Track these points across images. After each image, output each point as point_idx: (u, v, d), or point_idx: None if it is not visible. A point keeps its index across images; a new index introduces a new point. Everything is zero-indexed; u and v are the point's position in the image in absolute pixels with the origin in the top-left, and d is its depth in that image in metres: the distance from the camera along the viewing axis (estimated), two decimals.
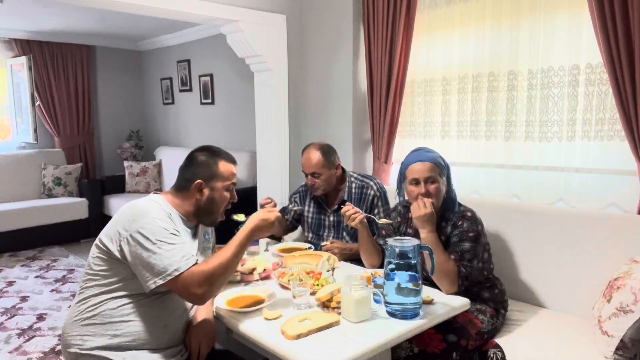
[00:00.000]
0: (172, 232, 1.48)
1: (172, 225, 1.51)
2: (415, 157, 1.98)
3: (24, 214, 4.79)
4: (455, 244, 1.90)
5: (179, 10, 2.88)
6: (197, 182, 1.61)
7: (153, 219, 1.47)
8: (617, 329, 1.67)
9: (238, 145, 4.94)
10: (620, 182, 2.25)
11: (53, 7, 4.18)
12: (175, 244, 1.46)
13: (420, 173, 1.94)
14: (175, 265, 1.42)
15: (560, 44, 2.38)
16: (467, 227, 1.90)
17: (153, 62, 6.14)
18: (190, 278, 1.42)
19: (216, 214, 1.67)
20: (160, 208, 1.54)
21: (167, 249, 1.43)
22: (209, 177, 1.62)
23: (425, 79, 2.98)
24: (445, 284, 1.80)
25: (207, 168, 1.62)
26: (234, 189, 1.70)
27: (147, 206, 1.51)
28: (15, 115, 5.54)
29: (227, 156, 1.69)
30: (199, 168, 1.62)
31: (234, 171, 1.69)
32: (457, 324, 1.78)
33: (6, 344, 2.85)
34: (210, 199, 1.62)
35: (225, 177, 1.64)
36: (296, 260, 2.11)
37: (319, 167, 2.41)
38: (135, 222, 1.46)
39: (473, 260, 1.87)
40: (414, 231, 2.06)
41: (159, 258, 1.42)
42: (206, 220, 1.68)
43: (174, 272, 1.41)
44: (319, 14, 3.37)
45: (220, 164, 1.64)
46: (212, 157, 1.64)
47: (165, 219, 1.50)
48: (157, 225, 1.46)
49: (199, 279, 1.42)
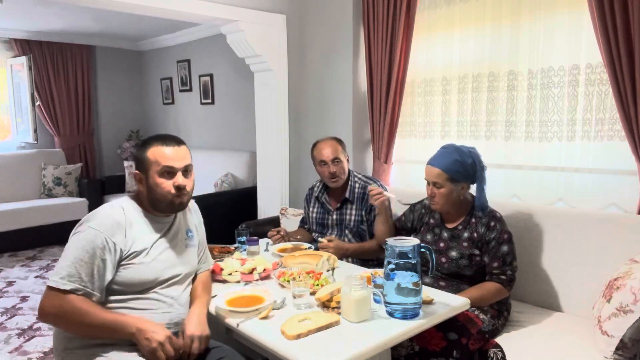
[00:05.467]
0: (91, 247, 1.47)
1: (112, 223, 1.52)
2: (432, 158, 2.04)
3: (24, 214, 4.79)
4: (495, 248, 1.95)
5: (179, 10, 2.89)
6: (134, 174, 1.65)
7: (87, 226, 1.50)
8: (617, 329, 1.67)
9: (238, 145, 4.94)
10: (620, 182, 2.25)
11: (53, 7, 4.18)
12: (77, 260, 1.46)
13: (428, 176, 2.04)
14: (55, 276, 1.45)
15: (560, 44, 2.38)
16: (501, 229, 1.97)
17: (153, 62, 6.14)
18: (47, 297, 1.45)
19: (164, 201, 1.61)
20: (110, 208, 1.58)
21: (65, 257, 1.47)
22: (142, 167, 1.62)
23: (425, 79, 2.98)
24: (498, 299, 1.95)
25: (139, 158, 1.63)
26: (175, 171, 1.61)
27: (93, 212, 1.57)
28: (15, 115, 5.53)
29: (160, 141, 1.63)
30: (135, 160, 1.67)
31: (165, 154, 1.60)
32: (458, 323, 1.78)
33: (6, 344, 2.85)
34: (149, 187, 1.61)
35: (155, 162, 1.60)
36: (296, 260, 2.11)
37: (340, 153, 2.49)
38: (77, 226, 1.54)
39: (513, 261, 1.96)
40: (435, 222, 2.13)
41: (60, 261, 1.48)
42: (163, 208, 1.64)
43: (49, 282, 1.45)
44: (319, 14, 3.37)
45: (148, 151, 1.61)
46: (143, 146, 1.63)
47: (107, 219, 1.53)
48: (82, 235, 1.49)
49: (53, 305, 1.44)
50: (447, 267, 2.01)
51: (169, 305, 1.61)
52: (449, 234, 2.05)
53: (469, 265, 1.97)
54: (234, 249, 2.36)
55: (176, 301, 1.64)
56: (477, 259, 1.97)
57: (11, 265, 4.40)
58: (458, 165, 1.97)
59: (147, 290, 1.58)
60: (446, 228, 2.08)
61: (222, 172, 4.62)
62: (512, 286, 1.96)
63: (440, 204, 2.02)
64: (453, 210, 2.06)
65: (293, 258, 2.14)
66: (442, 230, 2.09)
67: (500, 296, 1.95)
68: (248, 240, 2.35)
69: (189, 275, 1.75)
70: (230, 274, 1.96)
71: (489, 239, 1.96)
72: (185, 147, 1.67)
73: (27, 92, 5.26)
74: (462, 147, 2.02)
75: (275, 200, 3.51)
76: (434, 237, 2.09)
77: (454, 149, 2.01)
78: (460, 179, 1.98)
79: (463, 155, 1.98)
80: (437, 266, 2.02)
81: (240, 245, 2.40)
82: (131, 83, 6.34)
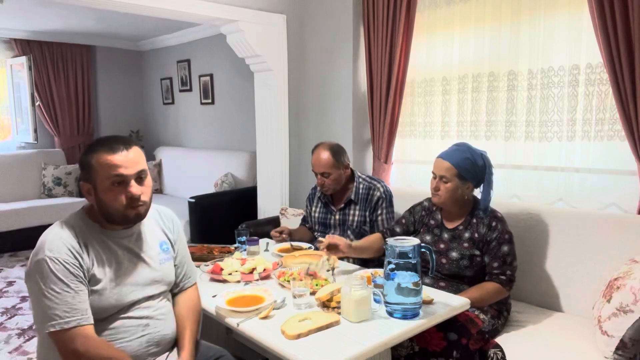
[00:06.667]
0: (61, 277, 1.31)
1: (66, 251, 1.34)
2: (443, 153, 2.04)
3: (24, 214, 4.79)
4: (496, 248, 1.95)
5: (179, 10, 2.88)
6: (81, 185, 1.43)
7: (42, 257, 1.32)
8: (617, 329, 1.67)
9: (238, 145, 4.94)
10: (620, 182, 2.25)
11: (53, 7, 4.18)
12: (59, 293, 1.30)
13: (436, 169, 2.03)
14: (50, 320, 1.29)
15: (560, 44, 2.38)
16: (502, 229, 1.97)
17: (153, 62, 6.14)
18: (59, 344, 1.31)
19: (117, 215, 1.40)
20: (60, 229, 1.39)
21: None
22: (88, 177, 1.39)
23: (425, 79, 2.98)
24: (497, 299, 1.96)
25: (85, 167, 1.40)
26: (127, 180, 1.39)
27: (42, 240, 1.38)
28: (15, 115, 5.53)
29: (105, 146, 1.39)
30: (81, 170, 1.43)
31: (113, 162, 1.36)
32: (458, 323, 1.78)
33: (6, 344, 2.85)
34: (98, 200, 1.39)
35: (102, 171, 1.37)
36: (296, 260, 2.11)
37: (329, 167, 2.44)
38: (31, 260, 1.35)
39: (513, 262, 1.97)
40: (436, 222, 2.13)
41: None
42: (118, 221, 1.44)
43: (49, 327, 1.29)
44: (319, 14, 3.37)
45: (93, 159, 1.37)
46: (89, 153, 1.39)
47: (60, 242, 1.35)
48: (45, 268, 1.31)
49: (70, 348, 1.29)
50: (447, 268, 2.01)
51: (143, 326, 1.45)
52: (450, 235, 2.05)
53: (469, 265, 1.97)
54: (234, 249, 2.36)
55: (152, 319, 1.48)
56: (477, 259, 1.97)
57: (11, 265, 4.40)
58: (469, 164, 1.97)
59: (113, 318, 1.41)
60: (446, 229, 2.08)
61: (222, 172, 4.63)
62: (512, 286, 1.96)
63: (443, 198, 2.01)
64: (454, 210, 2.06)
65: (293, 258, 2.14)
66: (442, 231, 2.09)
67: (500, 296, 1.95)
68: (248, 240, 2.36)
69: (165, 292, 1.57)
70: (230, 273, 1.96)
71: (490, 239, 1.96)
72: (136, 148, 1.43)
73: (27, 92, 5.26)
74: (475, 149, 2.03)
75: (275, 200, 3.51)
76: (433, 238, 2.09)
77: (467, 147, 2.02)
78: (468, 178, 1.98)
79: (475, 155, 2.00)
80: (438, 267, 2.02)
81: (240, 245, 2.40)
82: (131, 83, 6.34)
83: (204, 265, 2.05)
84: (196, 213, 3.86)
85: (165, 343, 1.52)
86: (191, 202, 3.90)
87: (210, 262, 2.09)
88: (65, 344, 1.30)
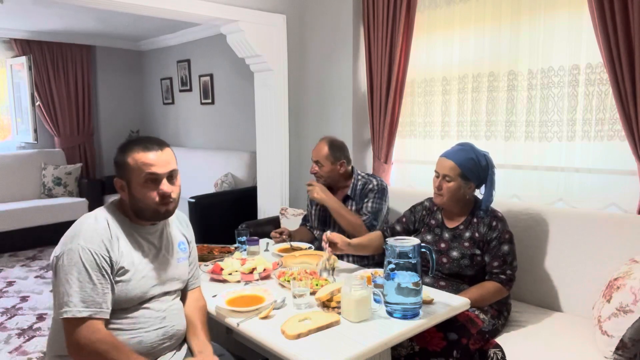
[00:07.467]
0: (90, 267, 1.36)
1: (100, 242, 1.40)
2: (447, 152, 2.05)
3: (24, 214, 4.79)
4: (496, 247, 1.95)
5: (179, 10, 2.88)
6: (115, 182, 1.52)
7: (76, 245, 1.38)
8: (617, 329, 1.67)
9: (238, 145, 4.94)
10: (620, 182, 2.25)
11: (53, 7, 4.18)
12: (82, 282, 1.35)
13: (439, 168, 2.03)
14: (66, 306, 1.33)
15: (560, 44, 2.38)
16: (502, 228, 1.97)
17: (153, 62, 6.14)
18: (69, 331, 1.34)
19: (148, 210, 1.48)
20: (95, 221, 1.45)
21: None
22: (123, 174, 1.49)
23: (425, 79, 2.98)
24: (497, 298, 1.95)
25: (120, 165, 1.50)
26: (159, 178, 1.47)
27: (77, 228, 1.43)
28: (15, 115, 5.54)
29: (141, 145, 1.49)
30: (115, 167, 1.52)
31: (147, 161, 1.46)
32: (458, 323, 1.78)
33: (6, 344, 2.85)
34: (131, 196, 1.48)
35: (136, 169, 1.46)
36: (296, 260, 2.11)
37: (322, 158, 2.51)
38: (63, 245, 1.40)
39: (513, 261, 1.97)
40: (436, 222, 2.13)
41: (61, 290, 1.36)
42: (148, 217, 1.51)
43: (63, 313, 1.33)
44: (319, 14, 3.37)
45: (129, 157, 1.47)
46: (123, 152, 1.50)
47: (95, 233, 1.41)
48: (74, 255, 1.36)
49: (84, 337, 1.32)
50: (448, 267, 2.01)
51: (160, 319, 1.51)
52: (450, 235, 2.05)
53: (470, 265, 1.97)
54: (234, 249, 2.36)
55: (168, 313, 1.54)
56: (478, 258, 1.97)
57: (11, 265, 4.40)
58: (472, 164, 1.98)
59: (135, 307, 1.47)
60: (447, 228, 2.08)
61: (222, 172, 4.63)
62: (512, 286, 1.96)
63: (445, 197, 2.01)
64: (455, 209, 2.06)
65: (293, 258, 2.14)
66: (442, 230, 2.09)
67: (500, 296, 1.95)
68: (248, 240, 2.36)
69: (179, 290, 1.64)
70: (231, 273, 1.96)
71: (490, 238, 1.96)
72: (169, 150, 1.53)
73: (27, 92, 5.26)
74: (479, 149, 2.04)
75: (275, 200, 3.51)
76: (434, 237, 2.09)
77: (471, 147, 2.03)
78: (471, 178, 1.99)
79: (479, 155, 2.00)
80: (438, 266, 2.02)
81: (240, 245, 2.40)
82: (131, 83, 6.34)
83: (204, 265, 2.05)
84: (196, 213, 3.86)
85: (177, 338, 1.56)
86: (191, 202, 3.90)
87: (211, 262, 2.10)
88: (73, 332, 1.34)
